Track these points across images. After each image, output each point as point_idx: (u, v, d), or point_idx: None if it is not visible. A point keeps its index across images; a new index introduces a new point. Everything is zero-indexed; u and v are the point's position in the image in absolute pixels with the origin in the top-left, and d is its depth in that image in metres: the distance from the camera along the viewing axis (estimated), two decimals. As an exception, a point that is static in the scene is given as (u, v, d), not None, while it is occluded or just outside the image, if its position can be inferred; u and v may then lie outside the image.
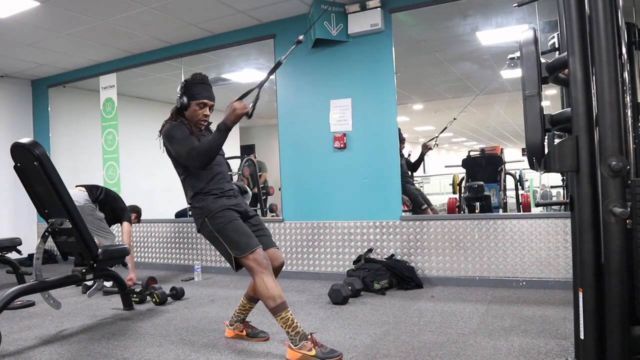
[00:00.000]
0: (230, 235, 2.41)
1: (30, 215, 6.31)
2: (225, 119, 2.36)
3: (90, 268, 3.18)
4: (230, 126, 2.36)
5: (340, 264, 4.39)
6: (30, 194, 3.10)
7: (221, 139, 2.36)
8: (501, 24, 4.15)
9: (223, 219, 2.43)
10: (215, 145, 2.35)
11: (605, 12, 1.48)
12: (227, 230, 2.42)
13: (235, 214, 2.49)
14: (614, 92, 1.47)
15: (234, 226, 2.43)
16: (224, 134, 2.35)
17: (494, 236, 3.85)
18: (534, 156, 1.72)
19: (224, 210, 2.46)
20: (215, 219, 2.44)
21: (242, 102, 2.38)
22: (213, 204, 2.46)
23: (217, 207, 2.45)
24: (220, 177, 2.57)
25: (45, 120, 6.43)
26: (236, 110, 2.34)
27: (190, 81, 2.55)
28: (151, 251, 5.53)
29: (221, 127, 2.36)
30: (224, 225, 2.42)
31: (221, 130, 2.35)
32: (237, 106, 2.35)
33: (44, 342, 2.81)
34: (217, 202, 2.47)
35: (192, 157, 2.38)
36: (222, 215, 2.44)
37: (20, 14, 4.21)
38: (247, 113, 2.36)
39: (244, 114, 2.36)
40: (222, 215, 2.44)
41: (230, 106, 2.36)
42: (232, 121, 2.35)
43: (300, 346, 2.32)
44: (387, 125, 4.19)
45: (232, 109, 2.35)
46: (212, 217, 2.44)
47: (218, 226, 2.43)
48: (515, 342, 2.50)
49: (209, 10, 4.34)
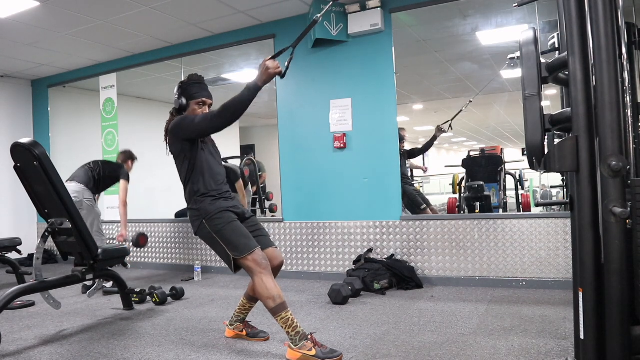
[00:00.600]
0: (228, 236, 2.41)
1: (30, 215, 6.31)
2: (257, 78, 2.26)
3: (90, 268, 3.19)
4: (261, 86, 2.26)
5: (340, 264, 4.39)
6: (30, 194, 3.10)
7: (250, 96, 2.25)
8: (501, 24, 4.15)
9: (221, 220, 2.43)
10: (246, 101, 2.25)
11: (605, 12, 1.47)
12: (226, 231, 2.42)
13: (233, 215, 2.48)
14: (614, 92, 1.47)
15: (232, 228, 2.43)
16: (253, 92, 2.25)
17: (494, 236, 3.85)
18: (534, 156, 1.72)
19: (222, 212, 2.45)
20: (213, 220, 2.43)
21: (275, 61, 2.27)
22: (211, 206, 2.45)
23: (214, 209, 2.45)
24: (218, 178, 2.57)
25: (45, 120, 6.44)
26: (269, 69, 2.24)
27: (187, 82, 2.57)
28: (151, 251, 5.53)
29: (251, 85, 2.25)
30: (222, 227, 2.42)
31: (251, 88, 2.25)
32: (270, 65, 2.24)
33: (44, 342, 2.81)
34: (215, 204, 2.46)
35: (220, 115, 2.29)
36: (220, 217, 2.43)
37: (20, 14, 4.21)
38: (280, 72, 2.27)
39: (276, 73, 2.26)
40: (220, 217, 2.44)
41: (262, 64, 2.25)
42: (264, 80, 2.26)
43: (300, 346, 2.32)
44: (387, 125, 4.19)
45: (265, 68, 2.24)
46: (209, 219, 2.44)
47: (216, 228, 2.43)
48: (515, 342, 2.50)
49: (209, 10, 4.34)
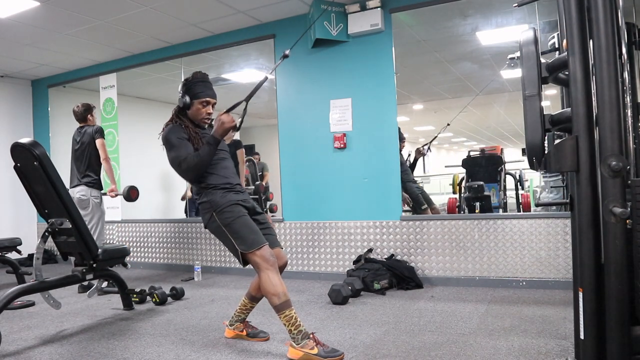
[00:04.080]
0: (237, 230, 2.42)
1: (30, 215, 6.30)
2: (214, 132, 2.45)
3: (90, 268, 3.18)
4: (218, 139, 2.45)
5: (340, 264, 4.39)
6: (30, 194, 3.10)
7: (210, 152, 2.44)
8: (501, 24, 4.15)
9: (231, 213, 2.44)
10: (206, 158, 2.44)
11: (605, 12, 1.48)
12: (235, 225, 2.43)
13: (243, 209, 2.50)
14: (614, 92, 1.47)
15: (242, 222, 2.44)
16: (213, 147, 2.44)
17: (494, 236, 3.85)
18: (534, 156, 1.72)
19: (232, 205, 2.46)
20: (223, 213, 2.44)
21: (230, 115, 2.48)
22: (222, 199, 2.47)
23: (225, 201, 2.46)
24: (228, 171, 2.59)
25: (45, 120, 6.43)
26: (224, 124, 2.43)
27: (192, 80, 2.57)
28: (151, 251, 5.53)
29: (210, 140, 2.45)
30: (232, 220, 2.43)
31: (210, 143, 2.44)
32: (225, 119, 2.44)
33: (44, 342, 2.81)
34: (226, 197, 2.48)
35: (183, 171, 2.47)
36: (230, 210, 2.45)
37: (20, 14, 4.20)
38: (234, 126, 2.47)
39: (231, 127, 2.46)
40: (231, 210, 2.45)
41: (217, 119, 2.46)
42: (220, 134, 2.45)
43: (302, 345, 2.32)
44: (387, 125, 4.19)
45: (220, 122, 2.44)
46: (220, 212, 2.45)
47: (226, 221, 2.44)
48: (515, 342, 2.50)
49: (209, 10, 4.34)
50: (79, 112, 4.31)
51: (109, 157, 4.26)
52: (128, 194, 3.91)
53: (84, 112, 4.31)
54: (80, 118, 4.32)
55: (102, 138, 4.23)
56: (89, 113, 4.34)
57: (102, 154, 4.18)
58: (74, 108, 4.33)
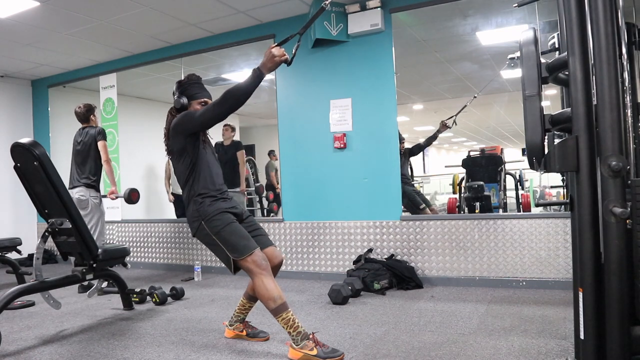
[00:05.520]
0: (228, 238, 2.40)
1: (30, 215, 6.30)
2: (262, 65, 2.22)
3: (90, 268, 3.18)
4: (265, 73, 2.24)
5: (340, 264, 4.39)
6: (30, 194, 3.10)
7: (254, 83, 2.23)
8: (501, 24, 4.15)
9: (220, 221, 2.42)
10: (250, 87, 2.22)
11: (605, 12, 1.48)
12: (225, 233, 2.40)
13: (232, 216, 2.47)
14: (614, 92, 1.47)
15: (231, 229, 2.42)
16: (257, 80, 2.23)
17: (494, 236, 3.85)
18: (534, 156, 1.72)
19: (221, 213, 2.44)
20: (212, 221, 2.42)
21: (281, 48, 2.24)
22: (210, 207, 2.44)
23: (213, 210, 2.43)
24: (217, 179, 2.55)
25: (45, 120, 6.43)
26: (275, 57, 2.21)
27: (187, 82, 2.56)
28: (151, 251, 5.53)
29: (256, 72, 2.22)
30: (221, 228, 2.41)
31: (256, 75, 2.22)
32: (276, 52, 2.21)
33: (44, 342, 2.81)
34: (214, 205, 2.45)
35: (223, 101, 2.26)
36: (219, 218, 2.42)
37: (20, 14, 4.21)
38: (286, 60, 2.24)
39: (282, 61, 2.23)
40: (219, 218, 2.42)
41: (267, 52, 2.22)
42: (269, 68, 2.23)
43: (302, 346, 2.32)
44: (387, 125, 4.19)
45: (271, 55, 2.21)
46: (208, 220, 2.42)
47: (215, 229, 2.41)
48: (515, 342, 2.50)
49: (209, 10, 4.34)
50: (81, 112, 4.30)
51: (110, 159, 4.27)
52: (129, 197, 3.91)
53: (86, 113, 4.30)
54: (83, 119, 4.32)
55: (104, 140, 4.23)
56: (91, 114, 4.34)
57: (104, 155, 4.18)
58: (76, 109, 4.32)
